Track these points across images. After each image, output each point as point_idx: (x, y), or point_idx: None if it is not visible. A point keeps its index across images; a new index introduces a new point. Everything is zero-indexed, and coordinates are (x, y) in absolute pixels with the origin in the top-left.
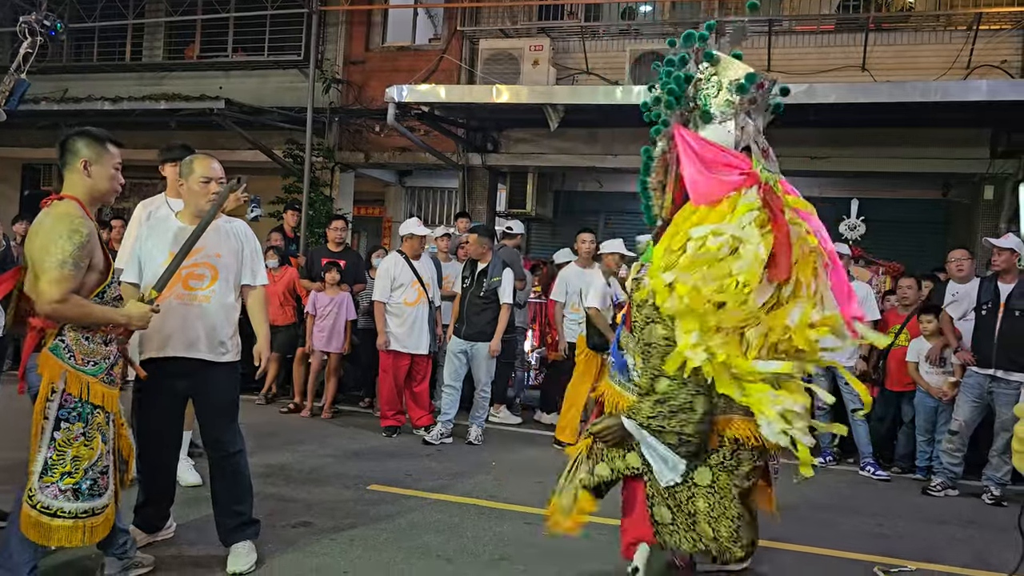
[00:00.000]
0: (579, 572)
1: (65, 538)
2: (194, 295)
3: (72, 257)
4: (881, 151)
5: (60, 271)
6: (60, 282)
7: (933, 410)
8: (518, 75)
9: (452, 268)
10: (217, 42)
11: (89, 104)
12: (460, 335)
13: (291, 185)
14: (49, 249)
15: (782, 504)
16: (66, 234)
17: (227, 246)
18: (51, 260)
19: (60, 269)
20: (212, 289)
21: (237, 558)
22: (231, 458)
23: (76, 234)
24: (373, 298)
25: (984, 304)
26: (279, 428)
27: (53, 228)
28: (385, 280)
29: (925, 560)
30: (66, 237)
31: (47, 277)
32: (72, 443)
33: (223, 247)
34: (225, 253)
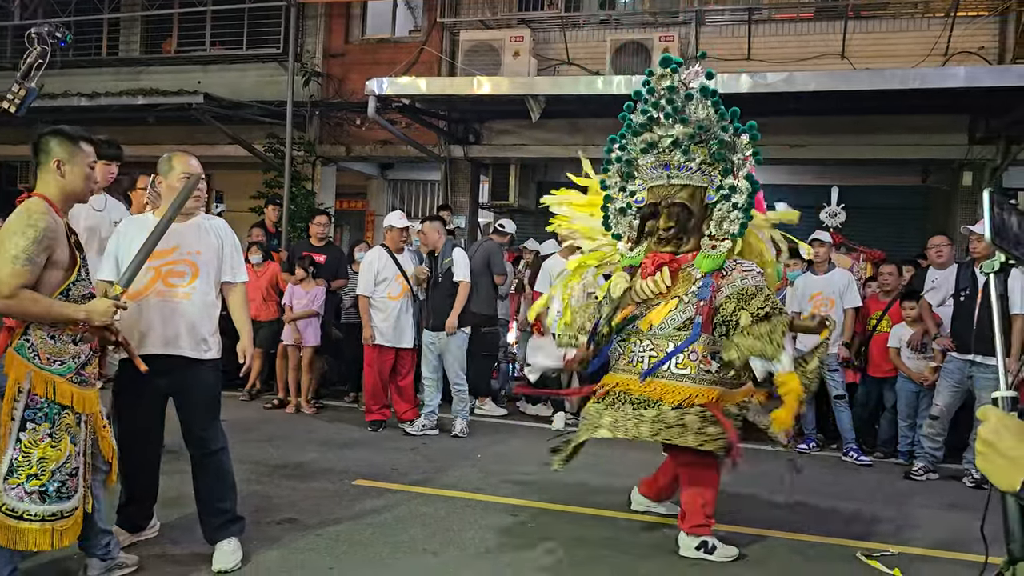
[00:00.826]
0: (565, 562)
1: (33, 541)
2: (175, 292)
3: (25, 252)
4: (861, 138)
5: (12, 266)
6: (11, 277)
7: (914, 395)
8: (499, 66)
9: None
10: (195, 36)
11: (66, 100)
12: (429, 327)
13: (272, 180)
14: (4, 245)
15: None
16: (20, 230)
17: (206, 243)
18: (4, 254)
19: (12, 264)
20: (193, 286)
21: (222, 556)
22: (214, 456)
23: (31, 229)
24: (357, 292)
25: (962, 290)
26: (263, 424)
27: (12, 225)
28: (369, 274)
29: (907, 544)
30: (20, 233)
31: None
32: (38, 444)
33: (202, 244)
34: (205, 250)
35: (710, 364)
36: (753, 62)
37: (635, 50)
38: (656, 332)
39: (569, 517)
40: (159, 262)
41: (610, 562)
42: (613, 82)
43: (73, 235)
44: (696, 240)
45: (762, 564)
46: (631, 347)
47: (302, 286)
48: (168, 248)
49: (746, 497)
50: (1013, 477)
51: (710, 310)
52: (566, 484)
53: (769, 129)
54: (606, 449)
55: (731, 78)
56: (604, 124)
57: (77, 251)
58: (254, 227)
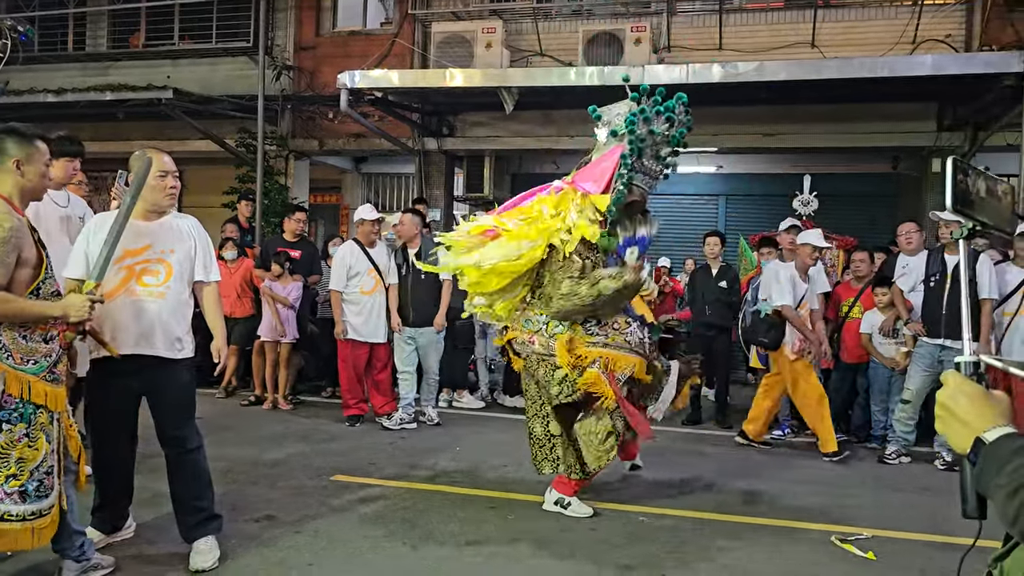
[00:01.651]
0: (544, 554)
1: (14, 541)
2: (149, 291)
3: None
4: (832, 127)
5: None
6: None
7: (886, 380)
8: (471, 58)
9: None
10: (163, 30)
11: (32, 97)
12: (408, 323)
13: (245, 175)
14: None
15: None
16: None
17: (179, 242)
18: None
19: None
20: (167, 285)
21: (199, 555)
22: (190, 454)
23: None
24: (330, 287)
25: (932, 276)
26: (240, 421)
27: None
28: (341, 269)
29: (881, 527)
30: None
31: None
32: (15, 445)
33: (175, 242)
34: (178, 249)
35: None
36: (724, 52)
37: (607, 41)
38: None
39: None
40: (132, 260)
41: (592, 551)
42: (586, 73)
43: (35, 232)
44: None
45: (741, 550)
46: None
47: (279, 282)
48: (141, 247)
49: (729, 486)
50: (965, 439)
51: None
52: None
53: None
54: None
55: (703, 68)
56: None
57: (41, 248)
58: (227, 223)
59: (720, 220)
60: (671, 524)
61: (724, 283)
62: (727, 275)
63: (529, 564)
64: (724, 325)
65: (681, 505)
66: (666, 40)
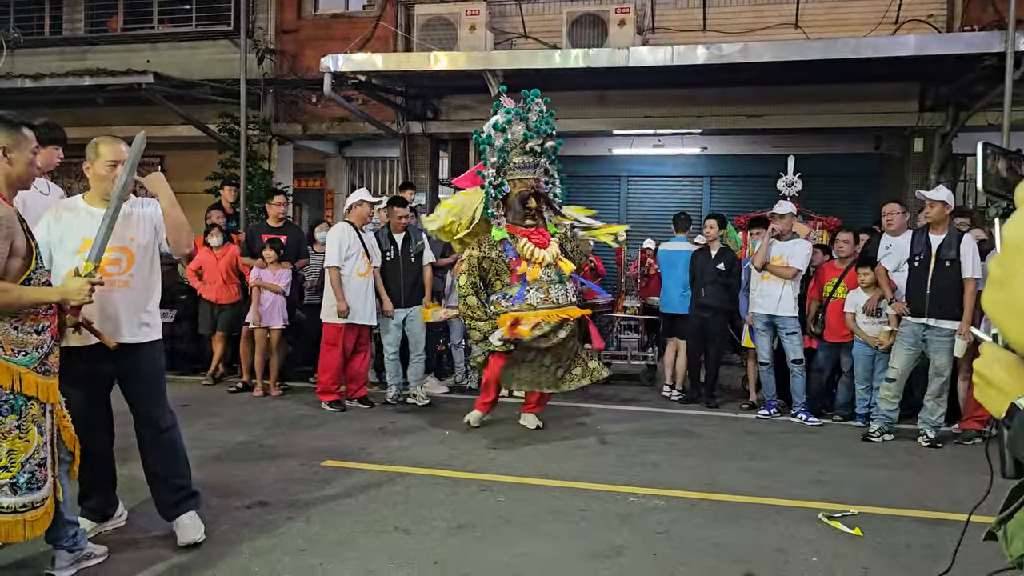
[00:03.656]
0: (535, 536)
1: (5, 533)
2: (111, 281)
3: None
4: (815, 107)
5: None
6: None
7: (870, 359)
8: (455, 41)
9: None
10: (142, 13)
11: (9, 82)
12: (397, 304)
13: (228, 160)
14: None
15: (732, 459)
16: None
17: (140, 228)
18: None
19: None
20: (130, 273)
21: (186, 529)
22: (166, 433)
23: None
24: (328, 264)
25: (916, 255)
26: (229, 408)
27: None
28: (338, 247)
29: (867, 504)
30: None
31: None
32: (6, 436)
33: (135, 230)
34: (138, 235)
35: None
36: (708, 33)
37: (592, 22)
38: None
39: (540, 490)
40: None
41: (584, 533)
42: (570, 55)
43: (24, 222)
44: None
45: (730, 527)
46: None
47: (269, 268)
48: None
49: (718, 466)
50: (1001, 404)
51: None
52: (534, 458)
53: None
54: (576, 423)
55: (687, 50)
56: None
57: (30, 238)
58: (212, 209)
59: (704, 201)
60: (662, 504)
61: (722, 265)
62: (725, 257)
63: (521, 546)
64: (721, 307)
65: (671, 485)
66: (650, 22)
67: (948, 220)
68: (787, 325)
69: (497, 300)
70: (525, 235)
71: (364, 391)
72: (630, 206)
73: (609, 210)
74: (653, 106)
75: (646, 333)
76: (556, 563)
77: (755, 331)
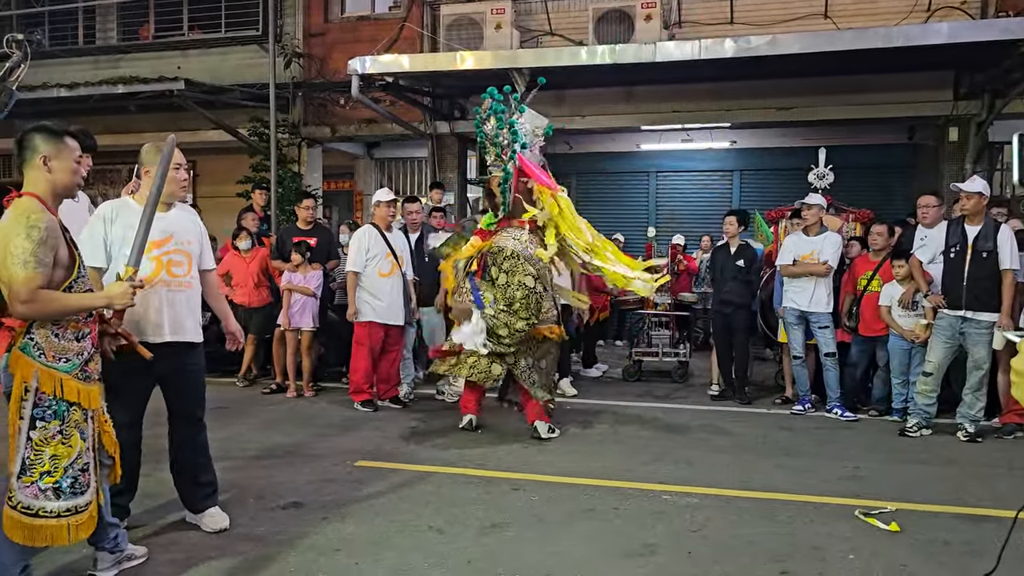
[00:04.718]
0: (569, 535)
1: (50, 537)
2: (179, 281)
3: (34, 255)
4: (847, 98)
5: (24, 271)
6: (25, 281)
7: (906, 353)
8: (481, 40)
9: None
10: (172, 21)
11: (45, 92)
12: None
13: (258, 163)
14: (9, 250)
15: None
16: (24, 232)
17: (194, 233)
18: (13, 261)
19: (24, 269)
20: (191, 275)
21: (216, 518)
22: (202, 433)
23: (35, 230)
24: (347, 269)
25: (952, 247)
26: (263, 410)
27: (10, 227)
28: (359, 251)
29: (904, 500)
30: (24, 235)
31: (13, 279)
32: (49, 442)
33: (191, 234)
34: (193, 239)
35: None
36: (736, 26)
37: (618, 18)
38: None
39: (572, 489)
40: (158, 252)
41: (617, 531)
42: (597, 51)
43: (67, 232)
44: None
45: (765, 525)
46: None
47: (299, 271)
48: (165, 238)
49: (752, 463)
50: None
51: None
52: (566, 456)
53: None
54: (609, 420)
55: (715, 43)
56: (590, 94)
57: (73, 248)
58: (245, 212)
59: (735, 196)
60: (695, 503)
61: (742, 262)
62: (745, 254)
63: (554, 545)
64: (742, 302)
65: (705, 483)
66: (677, 16)
67: (984, 211)
68: (819, 319)
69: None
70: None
71: (396, 391)
72: (659, 202)
73: (638, 206)
74: (681, 101)
75: (677, 329)
76: (590, 562)
77: (787, 325)
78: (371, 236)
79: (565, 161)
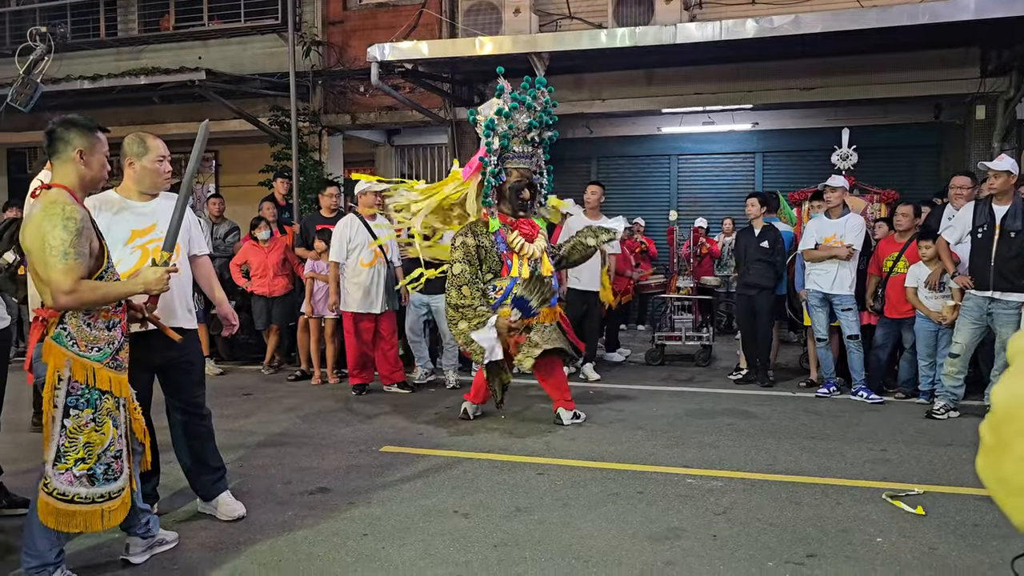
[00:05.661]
0: (594, 518)
1: (84, 523)
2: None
3: (73, 246)
4: (871, 77)
5: (64, 262)
6: (67, 272)
7: (933, 334)
8: (500, 24)
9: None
10: (192, 11)
11: (68, 84)
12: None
13: (280, 152)
14: (48, 242)
15: (790, 438)
16: (61, 224)
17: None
18: (53, 253)
19: (64, 260)
20: (179, 261)
21: (229, 507)
22: (205, 419)
23: (70, 222)
24: (330, 259)
25: (980, 227)
26: (288, 396)
27: (45, 219)
28: (340, 241)
29: (932, 483)
30: (61, 227)
31: (54, 271)
32: (83, 429)
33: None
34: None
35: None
36: (758, 6)
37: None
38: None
39: (597, 473)
40: (142, 240)
41: (642, 515)
42: (617, 34)
43: (95, 223)
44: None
45: (791, 508)
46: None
47: (322, 259)
48: (148, 227)
49: (777, 446)
50: None
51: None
52: (590, 441)
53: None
54: (632, 405)
55: (736, 24)
56: (609, 78)
57: (101, 238)
58: (264, 201)
59: (757, 178)
60: (720, 486)
61: (766, 243)
62: (769, 235)
63: (580, 529)
64: (766, 285)
65: (729, 466)
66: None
67: (1013, 190)
68: (842, 301)
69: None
70: (516, 226)
71: (400, 376)
72: (681, 185)
73: (660, 190)
74: (702, 83)
75: (700, 313)
76: (615, 545)
77: (810, 307)
78: (353, 226)
79: (585, 145)
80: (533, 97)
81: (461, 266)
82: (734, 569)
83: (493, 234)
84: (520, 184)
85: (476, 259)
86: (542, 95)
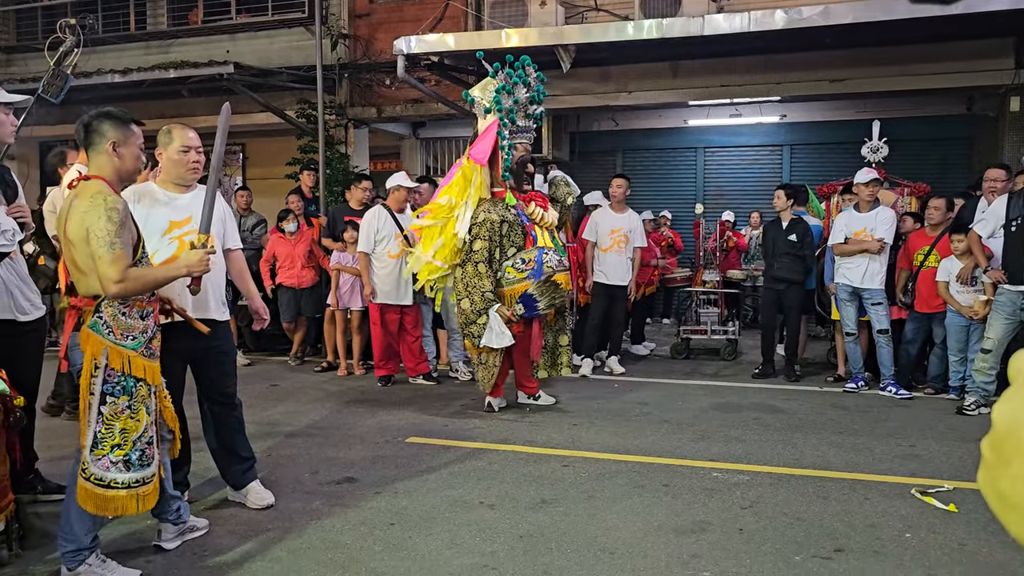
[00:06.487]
0: (619, 510)
1: (120, 507)
2: None
3: (119, 236)
4: (901, 69)
5: (112, 252)
6: (115, 262)
7: (964, 329)
8: (526, 16)
9: None
10: (220, 5)
11: (99, 78)
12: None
13: (306, 145)
14: (94, 232)
15: (818, 433)
16: (105, 215)
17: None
18: (100, 243)
19: (111, 250)
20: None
21: (259, 495)
22: (237, 409)
23: (114, 212)
24: (358, 250)
25: (1013, 220)
26: (315, 387)
27: (91, 210)
28: (369, 232)
29: (962, 479)
30: (106, 218)
31: (102, 261)
32: (119, 416)
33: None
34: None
35: None
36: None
37: None
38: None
39: (622, 466)
40: (179, 232)
41: (668, 508)
42: (643, 26)
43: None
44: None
45: (818, 503)
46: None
47: (348, 251)
48: (185, 219)
49: (804, 441)
50: None
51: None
52: (615, 433)
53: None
54: (657, 398)
55: (764, 15)
56: (635, 70)
57: (137, 228)
58: (291, 193)
59: (785, 171)
60: (746, 480)
61: (794, 236)
62: (797, 228)
63: (605, 521)
64: (794, 279)
65: (755, 460)
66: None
67: None
68: (872, 295)
69: (513, 267)
70: (527, 199)
71: (426, 367)
72: (707, 178)
73: (686, 182)
74: (730, 74)
75: (726, 307)
76: (641, 538)
77: (839, 301)
78: (381, 217)
79: (611, 138)
80: (525, 74)
81: (482, 243)
82: (760, 563)
83: (514, 206)
84: (526, 158)
85: (499, 236)
86: (531, 72)
